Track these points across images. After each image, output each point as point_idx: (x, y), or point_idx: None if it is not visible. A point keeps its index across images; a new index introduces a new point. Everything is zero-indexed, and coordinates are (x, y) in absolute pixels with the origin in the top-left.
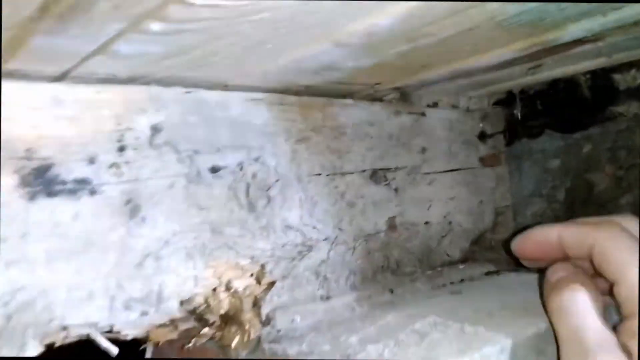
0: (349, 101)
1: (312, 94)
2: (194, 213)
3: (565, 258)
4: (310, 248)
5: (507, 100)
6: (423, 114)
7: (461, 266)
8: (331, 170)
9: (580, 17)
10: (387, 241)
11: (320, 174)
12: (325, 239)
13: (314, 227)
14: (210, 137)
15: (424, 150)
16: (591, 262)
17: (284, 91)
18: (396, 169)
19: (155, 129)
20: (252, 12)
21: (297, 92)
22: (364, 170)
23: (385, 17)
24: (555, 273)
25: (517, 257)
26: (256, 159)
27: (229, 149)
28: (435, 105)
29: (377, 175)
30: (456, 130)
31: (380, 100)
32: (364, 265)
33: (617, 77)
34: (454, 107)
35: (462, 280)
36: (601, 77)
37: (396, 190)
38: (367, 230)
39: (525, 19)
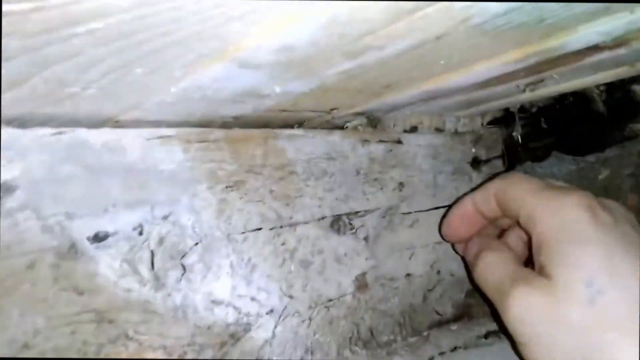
0: (298, 131)
1: (247, 126)
2: (70, 299)
3: (491, 223)
4: (247, 327)
5: (504, 118)
6: (399, 142)
7: (454, 327)
8: (276, 222)
9: (596, 16)
10: (355, 305)
11: (260, 229)
12: (270, 312)
13: (253, 299)
14: (94, 193)
15: (401, 185)
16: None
17: (207, 124)
18: (366, 212)
19: (7, 189)
20: (66, 23)
21: (226, 123)
22: (322, 218)
23: (294, 27)
24: (469, 252)
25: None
26: (164, 218)
27: (123, 206)
28: (413, 129)
29: (340, 223)
30: (442, 157)
31: (342, 128)
32: (325, 339)
33: (638, 89)
34: (438, 130)
35: (454, 349)
36: (619, 89)
37: (366, 239)
38: (328, 294)
39: (515, 20)
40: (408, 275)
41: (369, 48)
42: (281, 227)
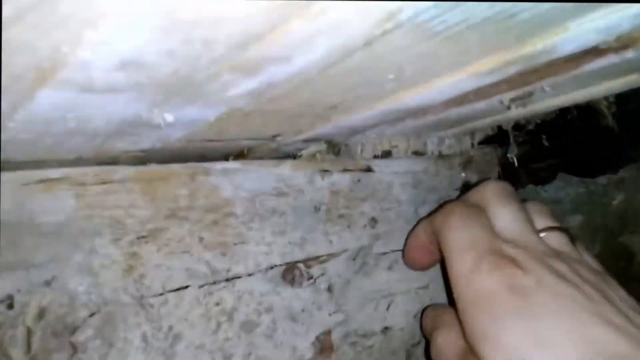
0: (234, 164)
1: (167, 160)
2: None
3: None
4: None
5: (499, 136)
6: (368, 170)
7: None
8: (208, 277)
9: (591, 8)
10: None
11: (186, 287)
12: None
13: None
14: None
15: (374, 222)
16: None
17: (110, 160)
18: (329, 256)
19: None
20: None
21: (136, 159)
22: (270, 268)
23: (116, 33)
24: (425, 327)
25: None
26: (46, 283)
27: None
28: (386, 154)
29: (294, 272)
30: (425, 185)
31: (294, 157)
32: None
33: None
34: (418, 153)
35: None
36: (631, 100)
37: (330, 289)
38: None
39: (474, 16)
40: (386, 329)
41: (265, 60)
42: (215, 282)
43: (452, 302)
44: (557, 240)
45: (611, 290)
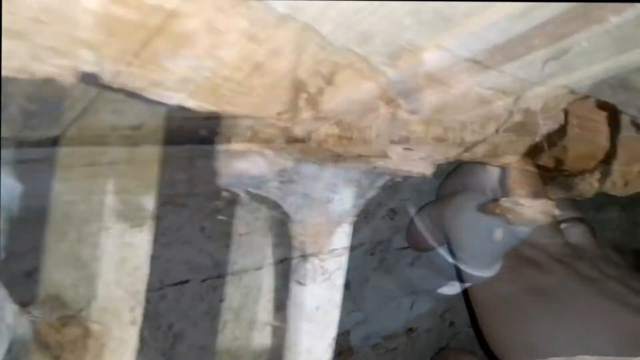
0: (238, 146)
1: (162, 142)
2: None
3: None
4: None
5: (525, 122)
6: (385, 156)
7: None
8: (211, 270)
9: None
10: None
11: (186, 281)
12: None
13: None
14: None
15: (393, 213)
16: None
17: (100, 141)
18: (344, 249)
19: None
20: None
21: (128, 138)
22: (280, 261)
23: None
24: None
25: None
26: (28, 275)
27: None
28: (404, 140)
29: (307, 267)
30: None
31: (303, 141)
32: None
33: None
34: (438, 139)
35: None
36: None
37: (347, 286)
38: None
39: None
40: (410, 330)
41: None
42: (219, 276)
43: (467, 300)
44: (577, 233)
45: (636, 281)
